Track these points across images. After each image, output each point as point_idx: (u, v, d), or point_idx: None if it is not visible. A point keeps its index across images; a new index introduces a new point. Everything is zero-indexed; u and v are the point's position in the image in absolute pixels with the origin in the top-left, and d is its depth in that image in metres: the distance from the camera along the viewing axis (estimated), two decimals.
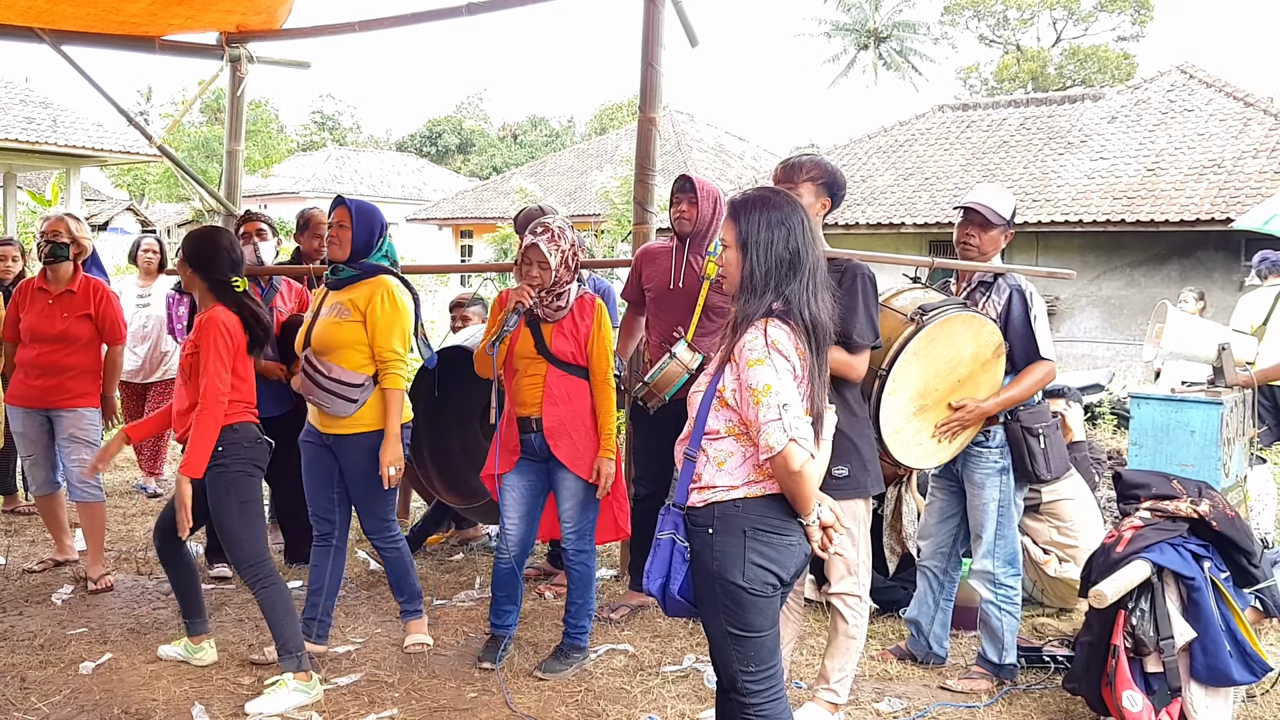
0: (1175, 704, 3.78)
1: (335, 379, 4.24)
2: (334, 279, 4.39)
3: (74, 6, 6.03)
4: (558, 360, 4.31)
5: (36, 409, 5.44)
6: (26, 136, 17.68)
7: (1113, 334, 17.62)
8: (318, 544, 4.53)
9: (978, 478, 4.26)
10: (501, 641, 4.49)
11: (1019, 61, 45.02)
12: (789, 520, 2.84)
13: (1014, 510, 4.30)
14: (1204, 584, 3.83)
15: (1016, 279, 4.24)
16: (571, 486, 4.36)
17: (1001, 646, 4.31)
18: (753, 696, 2.87)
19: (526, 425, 4.33)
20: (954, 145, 21.10)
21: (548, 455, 4.34)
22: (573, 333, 4.33)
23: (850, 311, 3.68)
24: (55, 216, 5.55)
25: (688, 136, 30.19)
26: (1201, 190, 16.59)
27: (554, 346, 4.30)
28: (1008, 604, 4.30)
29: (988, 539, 4.27)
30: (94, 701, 4.03)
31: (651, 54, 5.56)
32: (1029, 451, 4.18)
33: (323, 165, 44.14)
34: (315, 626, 4.49)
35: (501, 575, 4.44)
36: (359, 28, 6.74)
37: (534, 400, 4.32)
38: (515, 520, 4.40)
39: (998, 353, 4.08)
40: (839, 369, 3.66)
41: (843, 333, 3.64)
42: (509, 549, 4.40)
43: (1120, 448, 7.93)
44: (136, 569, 5.77)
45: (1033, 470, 4.20)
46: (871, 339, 3.74)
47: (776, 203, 2.92)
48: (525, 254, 4.25)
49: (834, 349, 3.62)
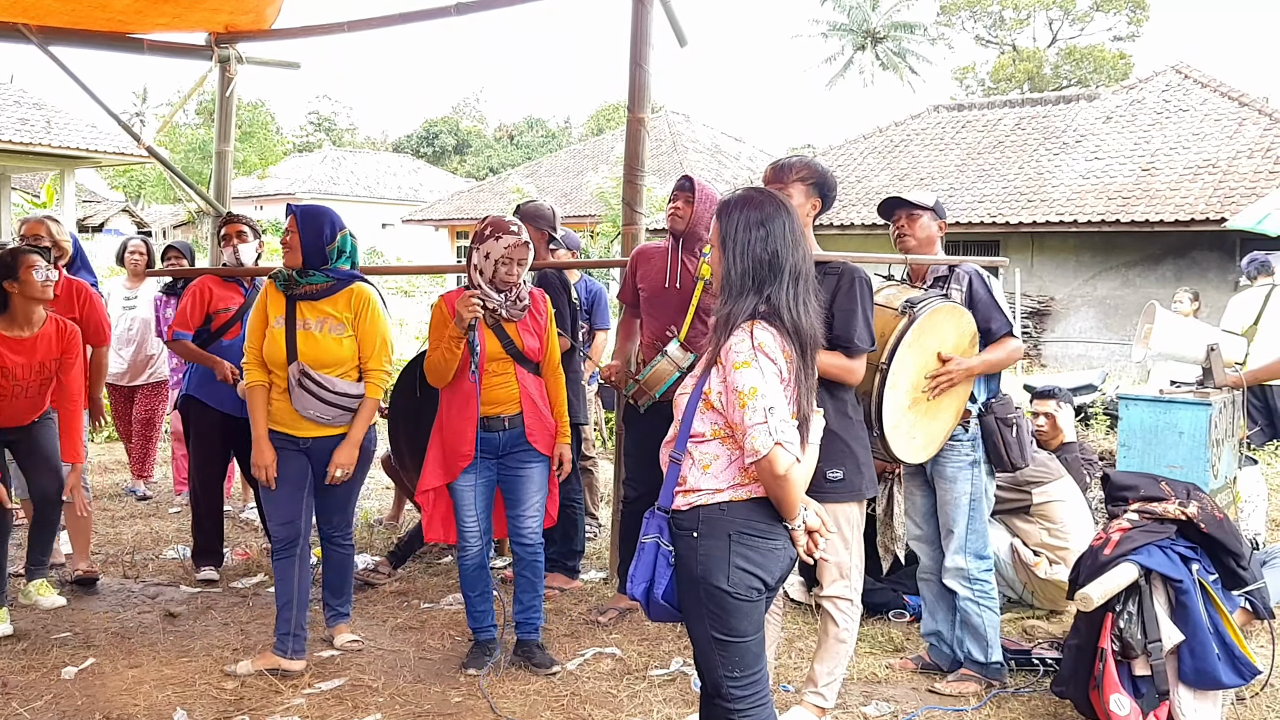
0: (1163, 707, 3.75)
1: (340, 392, 4.23)
2: (308, 288, 4.28)
3: (58, 1, 6.00)
4: (527, 359, 4.35)
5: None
6: (20, 138, 17.67)
7: (1108, 334, 17.62)
8: (283, 555, 4.33)
9: (949, 471, 4.25)
10: (488, 646, 4.46)
11: (1015, 62, 45.07)
12: (774, 524, 2.82)
13: (985, 504, 4.30)
14: (1192, 586, 3.80)
15: (970, 266, 4.29)
16: (538, 479, 4.41)
17: (986, 644, 4.28)
18: (738, 703, 2.84)
19: (496, 424, 4.31)
20: (949, 146, 21.11)
21: (508, 451, 4.34)
22: (536, 330, 4.39)
23: (850, 315, 3.66)
24: (35, 219, 5.51)
25: (684, 137, 30.18)
26: (1196, 190, 16.60)
27: (525, 346, 4.33)
28: (985, 599, 4.28)
29: (959, 533, 4.25)
30: (75, 707, 3.99)
31: (640, 54, 5.54)
32: (1004, 441, 4.22)
33: (319, 166, 44.16)
34: (290, 642, 4.33)
35: (471, 575, 4.41)
36: (348, 28, 6.74)
37: (505, 399, 4.32)
38: (476, 517, 4.36)
39: (973, 341, 4.13)
40: (839, 374, 3.64)
41: (844, 337, 3.63)
42: (472, 547, 4.37)
43: (1113, 449, 7.91)
44: (123, 572, 5.73)
45: (1008, 458, 4.24)
46: (870, 343, 3.73)
47: (759, 202, 2.89)
48: (509, 253, 4.22)
49: (834, 354, 3.61)
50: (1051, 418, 5.82)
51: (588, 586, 5.62)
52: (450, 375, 4.26)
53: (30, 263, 4.70)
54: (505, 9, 6.33)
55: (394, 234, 39.18)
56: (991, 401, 4.26)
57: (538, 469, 4.40)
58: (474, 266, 4.28)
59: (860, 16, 47.60)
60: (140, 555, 6.04)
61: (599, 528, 6.70)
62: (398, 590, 5.51)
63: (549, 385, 4.47)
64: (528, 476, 4.39)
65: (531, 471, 4.40)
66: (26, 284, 4.69)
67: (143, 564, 5.89)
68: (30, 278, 4.69)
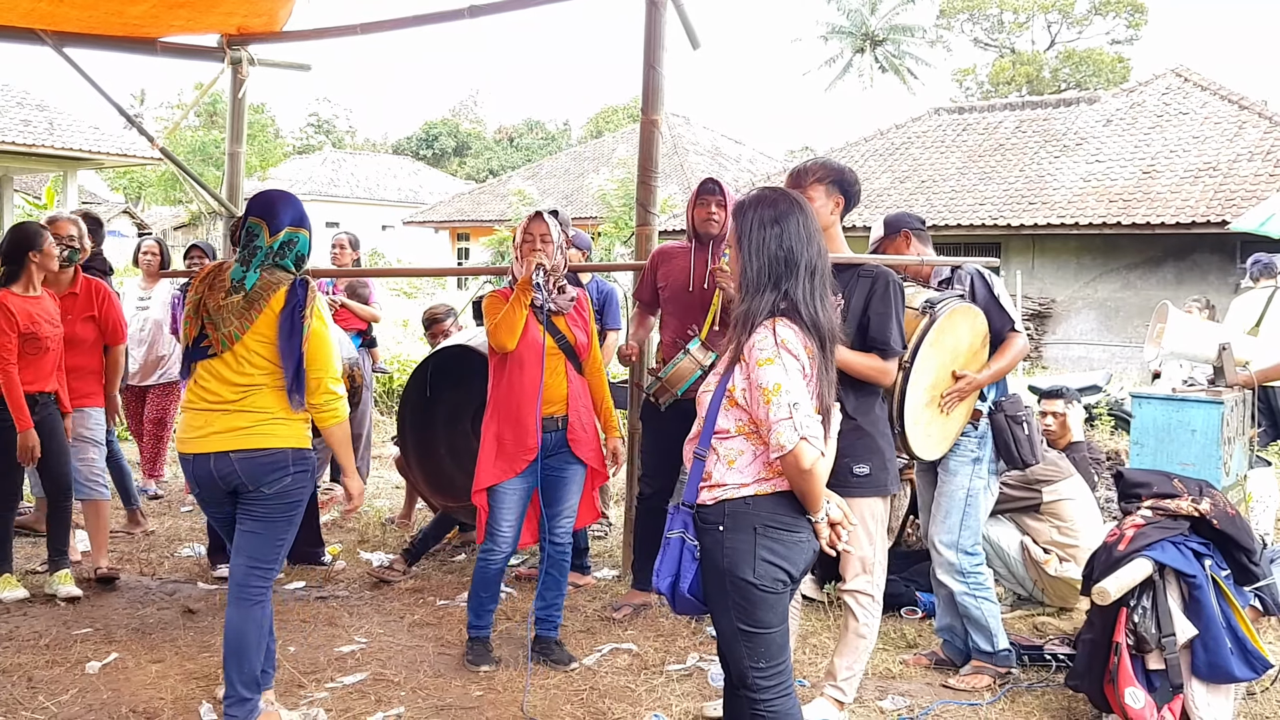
0: (1177, 701, 3.80)
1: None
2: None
3: (76, 9, 6.06)
4: (576, 356, 4.40)
5: None
6: (23, 139, 17.66)
7: (1109, 336, 17.67)
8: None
9: (952, 464, 4.30)
10: (488, 643, 4.48)
11: (1014, 65, 45.15)
12: (799, 517, 2.86)
13: (982, 500, 4.34)
14: (1205, 581, 3.85)
15: (972, 266, 4.37)
16: (578, 481, 4.46)
17: (990, 633, 4.32)
18: (763, 693, 2.89)
19: (550, 424, 4.34)
20: (950, 148, 21.16)
21: (552, 453, 4.38)
22: (583, 326, 4.45)
23: (885, 319, 3.72)
24: (64, 218, 5.57)
25: (684, 139, 30.23)
26: (1197, 193, 16.65)
27: (576, 341, 4.39)
28: (981, 590, 4.32)
29: (952, 525, 4.28)
30: (101, 700, 4.04)
31: (653, 56, 5.59)
32: (1014, 439, 4.28)
33: (319, 168, 44.17)
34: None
35: (490, 576, 4.43)
36: (360, 30, 6.76)
37: (557, 398, 4.36)
38: (511, 523, 4.39)
39: (985, 341, 4.19)
40: (874, 376, 3.70)
41: (880, 340, 3.70)
42: (501, 550, 4.39)
43: (1118, 448, 7.97)
44: (140, 570, 5.77)
45: (1019, 455, 4.29)
46: (903, 346, 3.79)
47: (772, 200, 2.95)
48: (530, 229, 4.31)
49: (869, 356, 3.67)
50: (1061, 417, 5.88)
51: (601, 584, 5.67)
52: (519, 325, 4.23)
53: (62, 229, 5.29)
54: (519, 11, 6.37)
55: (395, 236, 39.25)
56: (1001, 400, 4.32)
57: (578, 471, 4.45)
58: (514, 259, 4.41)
59: (859, 19, 47.66)
60: (155, 553, 6.08)
61: (609, 527, 6.74)
62: (413, 588, 5.56)
63: (592, 383, 4.52)
64: (569, 478, 4.44)
65: (573, 473, 4.44)
66: (47, 255, 5.11)
67: (158, 561, 5.93)
68: (50, 250, 5.12)
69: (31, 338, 5.02)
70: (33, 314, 5.05)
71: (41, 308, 5.13)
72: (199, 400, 3.62)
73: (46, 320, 5.12)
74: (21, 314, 4.99)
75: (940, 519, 4.32)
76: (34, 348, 5.03)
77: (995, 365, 4.19)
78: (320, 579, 5.67)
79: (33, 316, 5.04)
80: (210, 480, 3.59)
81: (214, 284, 3.65)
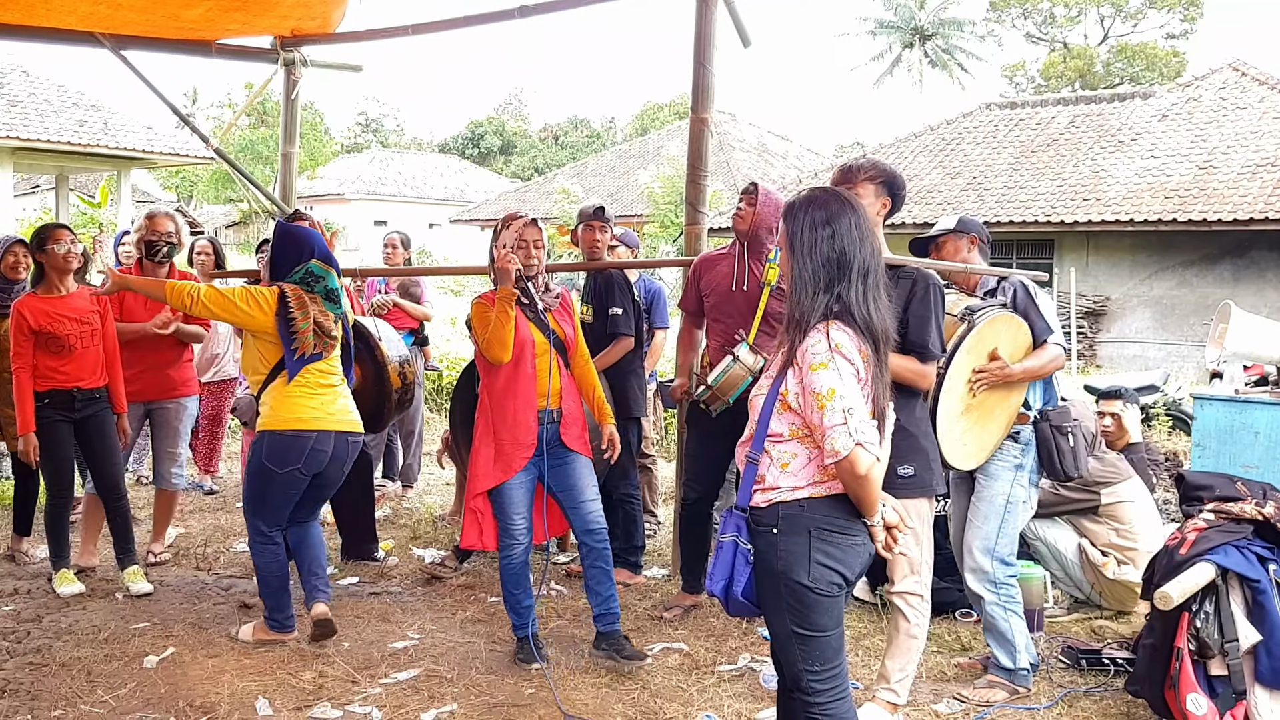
0: (1240, 707, 3.73)
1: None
2: None
3: (134, 12, 6.15)
4: (565, 349, 4.49)
5: (137, 403, 5.61)
6: (78, 139, 18.01)
7: (1164, 334, 17.38)
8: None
9: (992, 469, 4.22)
10: (534, 639, 4.47)
11: (1066, 59, 44.55)
12: (854, 520, 2.84)
13: (1021, 510, 4.25)
14: (1269, 586, 3.78)
15: (1017, 278, 4.33)
16: (585, 471, 4.49)
17: (1013, 649, 4.21)
18: (818, 696, 2.86)
19: (545, 416, 4.41)
20: (1002, 144, 20.90)
21: (549, 447, 4.40)
22: (570, 321, 4.55)
23: (924, 322, 3.71)
24: (162, 213, 5.74)
25: (730, 136, 30.11)
26: (1255, 189, 16.32)
27: (565, 334, 4.49)
28: (1011, 603, 4.22)
29: (989, 532, 4.19)
30: (159, 695, 4.10)
31: (703, 54, 5.57)
32: (1058, 449, 4.21)
33: (367, 167, 44.52)
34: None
35: (516, 571, 4.44)
36: (412, 30, 6.81)
37: (550, 391, 4.41)
38: (523, 514, 4.43)
39: (1028, 352, 4.14)
40: (913, 379, 3.68)
41: (918, 343, 3.68)
42: (519, 544, 4.41)
43: (1176, 449, 7.82)
44: (195, 565, 5.85)
45: (1062, 468, 4.22)
46: (942, 350, 3.78)
47: (824, 201, 2.92)
48: (522, 234, 4.40)
49: (908, 359, 3.64)
50: (1118, 418, 5.78)
51: (650, 583, 5.66)
52: (509, 338, 4.28)
53: (57, 237, 5.24)
54: (569, 10, 6.38)
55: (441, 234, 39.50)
56: (1048, 410, 4.25)
57: (579, 458, 4.50)
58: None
59: (907, 14, 47.24)
60: (211, 549, 6.16)
61: (658, 525, 6.73)
62: (464, 584, 5.59)
63: (580, 375, 4.59)
64: (573, 464, 4.47)
65: (575, 460, 4.49)
66: (52, 256, 5.18)
67: (214, 556, 6.01)
68: (55, 250, 5.19)
69: (52, 337, 5.11)
70: (51, 314, 5.13)
71: (66, 307, 5.19)
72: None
73: (70, 319, 5.17)
74: (38, 315, 5.10)
75: (978, 524, 4.24)
76: (56, 346, 5.12)
77: (1027, 363, 4.11)
78: (374, 575, 5.72)
79: (51, 316, 5.13)
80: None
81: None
